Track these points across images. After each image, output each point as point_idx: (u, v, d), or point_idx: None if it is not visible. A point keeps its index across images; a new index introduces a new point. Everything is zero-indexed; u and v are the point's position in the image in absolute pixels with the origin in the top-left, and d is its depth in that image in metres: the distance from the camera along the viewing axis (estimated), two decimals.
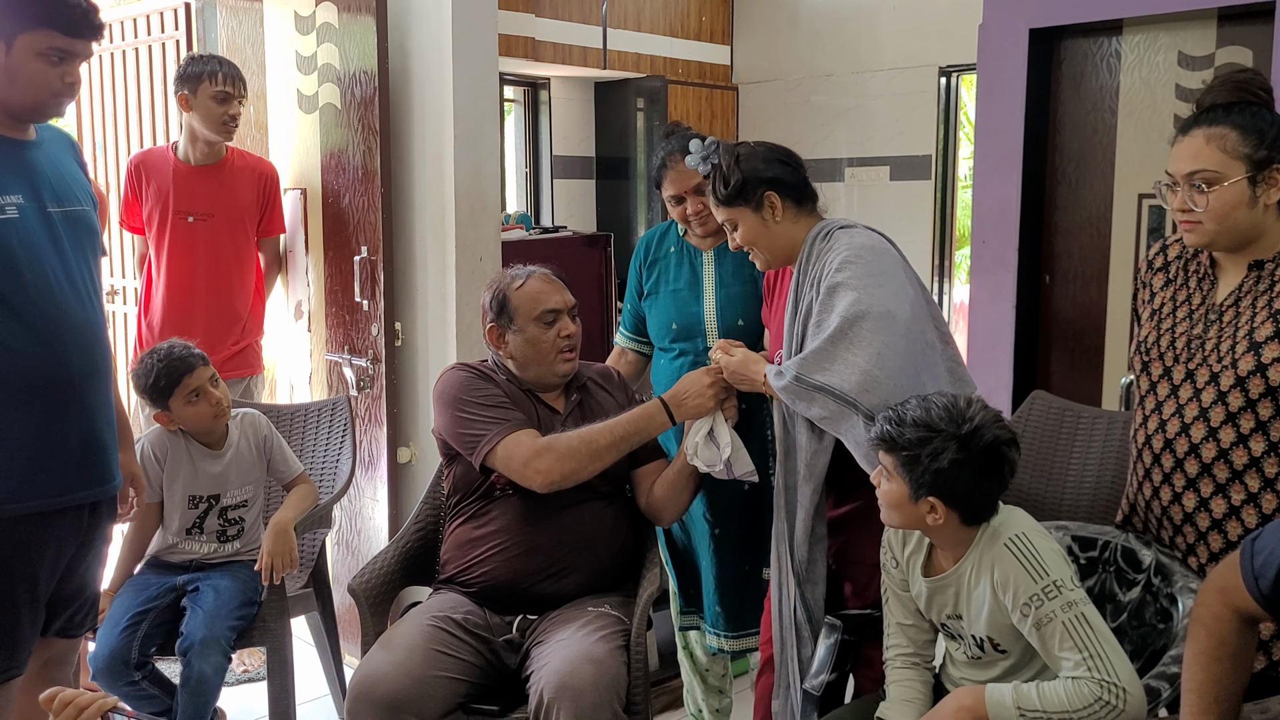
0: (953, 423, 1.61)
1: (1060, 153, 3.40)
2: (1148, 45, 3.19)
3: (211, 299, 3.12)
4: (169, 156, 3.15)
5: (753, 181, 2.00)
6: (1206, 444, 1.67)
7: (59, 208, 1.85)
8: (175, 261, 3.11)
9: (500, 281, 2.26)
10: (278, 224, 3.27)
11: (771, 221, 2.01)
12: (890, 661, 1.83)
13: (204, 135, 3.08)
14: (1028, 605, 1.57)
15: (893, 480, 1.67)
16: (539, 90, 5.09)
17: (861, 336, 1.82)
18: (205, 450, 2.49)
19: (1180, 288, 1.79)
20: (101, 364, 1.92)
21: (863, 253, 1.91)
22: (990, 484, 1.64)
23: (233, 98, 3.05)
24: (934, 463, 1.60)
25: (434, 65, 2.91)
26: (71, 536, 1.89)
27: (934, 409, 1.64)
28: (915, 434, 1.62)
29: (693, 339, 2.42)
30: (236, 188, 3.15)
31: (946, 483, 1.61)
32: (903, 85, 4.52)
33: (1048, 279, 3.46)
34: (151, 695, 2.32)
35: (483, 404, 2.17)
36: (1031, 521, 1.67)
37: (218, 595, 2.36)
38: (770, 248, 2.03)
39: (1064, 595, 1.55)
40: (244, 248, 3.19)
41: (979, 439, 1.61)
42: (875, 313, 1.83)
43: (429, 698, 1.95)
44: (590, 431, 2.11)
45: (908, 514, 1.67)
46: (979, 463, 1.61)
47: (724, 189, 2.02)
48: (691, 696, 2.61)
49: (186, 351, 2.43)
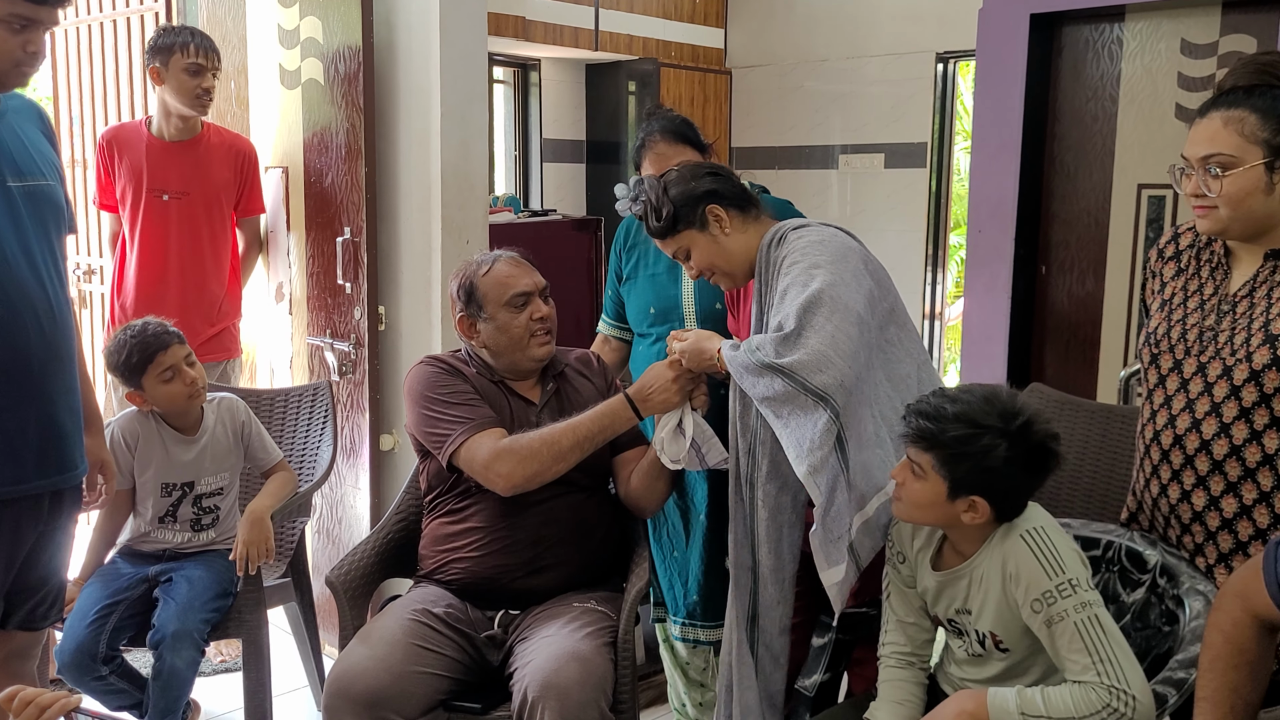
0: (1001, 418, 1.55)
1: (1059, 141, 3.35)
2: (1150, 32, 3.14)
3: (186, 280, 3.03)
4: (142, 132, 3.04)
5: (689, 202, 1.93)
6: (1218, 440, 1.62)
7: (20, 182, 1.76)
8: (149, 241, 3.01)
9: (466, 269, 2.18)
10: (257, 203, 3.18)
11: (722, 236, 1.94)
12: (885, 659, 1.77)
13: (177, 109, 2.98)
14: (1039, 601, 1.52)
15: (926, 479, 1.59)
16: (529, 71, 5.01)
17: (815, 321, 1.76)
18: (178, 436, 2.41)
19: (1192, 277, 1.74)
20: (63, 347, 1.83)
21: (809, 249, 1.85)
22: (1034, 481, 1.59)
23: (206, 70, 2.94)
24: (985, 460, 1.53)
25: (420, 40, 2.83)
26: (30, 526, 1.81)
27: (974, 404, 1.57)
28: (960, 430, 1.55)
29: (670, 323, 2.37)
30: (213, 165, 3.05)
31: (995, 480, 1.55)
32: (899, 71, 4.45)
33: (1044, 270, 3.42)
34: (120, 689, 2.25)
35: (448, 402, 2.09)
36: (1049, 518, 1.62)
37: (191, 586, 2.29)
38: (729, 263, 1.95)
39: (1078, 595, 1.50)
40: (220, 228, 3.09)
41: (1031, 435, 1.55)
42: (828, 296, 1.77)
43: (409, 694, 1.88)
44: (553, 432, 2.02)
45: (940, 512, 1.60)
46: (1027, 460, 1.55)
47: (658, 220, 1.95)
48: (675, 691, 2.57)
49: (161, 329, 2.35)
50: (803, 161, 4.81)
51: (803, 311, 1.76)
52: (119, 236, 3.10)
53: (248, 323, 3.29)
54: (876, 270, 1.92)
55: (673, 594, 2.46)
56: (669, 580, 2.46)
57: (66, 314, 1.86)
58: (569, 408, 2.15)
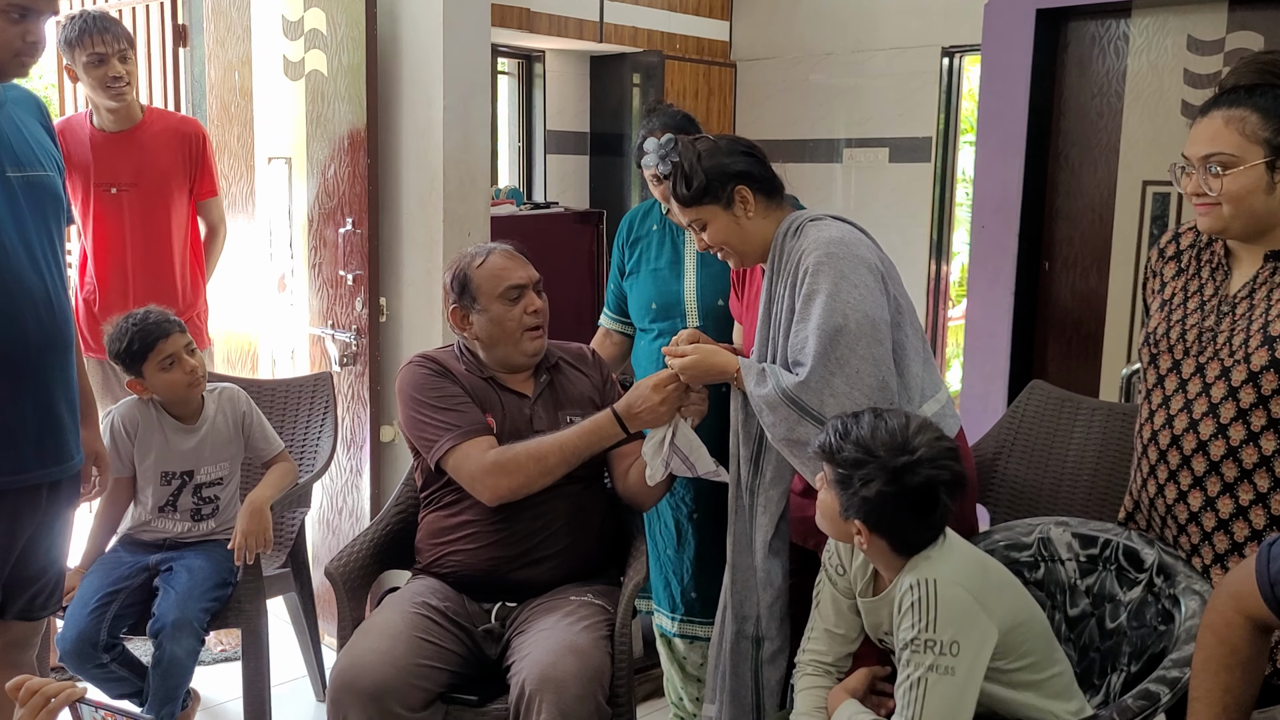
0: (891, 452, 1.52)
1: (1064, 137, 3.34)
2: (1157, 28, 3.12)
3: (144, 273, 2.94)
4: (86, 125, 2.93)
5: (720, 177, 1.90)
6: (1215, 441, 1.61)
7: (19, 173, 1.76)
8: (102, 236, 2.93)
9: (460, 261, 2.17)
10: (209, 185, 3.06)
11: (744, 218, 1.91)
12: (801, 667, 1.75)
13: (99, 102, 2.87)
14: (905, 646, 1.51)
15: (829, 492, 1.60)
16: (533, 63, 5.00)
17: (838, 354, 1.76)
18: (178, 424, 2.42)
19: (1192, 277, 1.73)
20: (61, 337, 1.83)
21: (834, 249, 1.83)
22: (920, 522, 1.55)
23: (109, 57, 2.77)
24: (863, 489, 1.53)
25: (424, 32, 2.82)
26: (28, 517, 1.82)
27: (880, 431, 1.55)
28: (853, 454, 1.55)
29: (672, 319, 2.37)
30: (159, 152, 2.94)
31: (872, 512, 1.54)
32: (904, 65, 4.44)
33: (1047, 266, 3.40)
34: (121, 677, 2.26)
35: (436, 406, 2.08)
36: (963, 566, 1.56)
37: (191, 576, 2.30)
38: (743, 246, 1.93)
39: (930, 656, 1.47)
40: (175, 216, 2.98)
41: (912, 476, 1.51)
42: (853, 321, 1.77)
43: (413, 687, 1.89)
44: (540, 446, 2.02)
45: (838, 529, 1.61)
46: (909, 499, 1.52)
47: (686, 189, 1.91)
48: (671, 685, 2.58)
49: (163, 317, 2.37)
50: (807, 155, 4.80)
51: (827, 341, 1.76)
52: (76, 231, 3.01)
53: (250, 313, 3.28)
54: (890, 270, 1.92)
55: (669, 591, 2.46)
56: (664, 577, 2.46)
57: (65, 305, 1.86)
58: (564, 400, 2.15)
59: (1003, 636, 1.52)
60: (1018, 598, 1.62)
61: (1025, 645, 1.57)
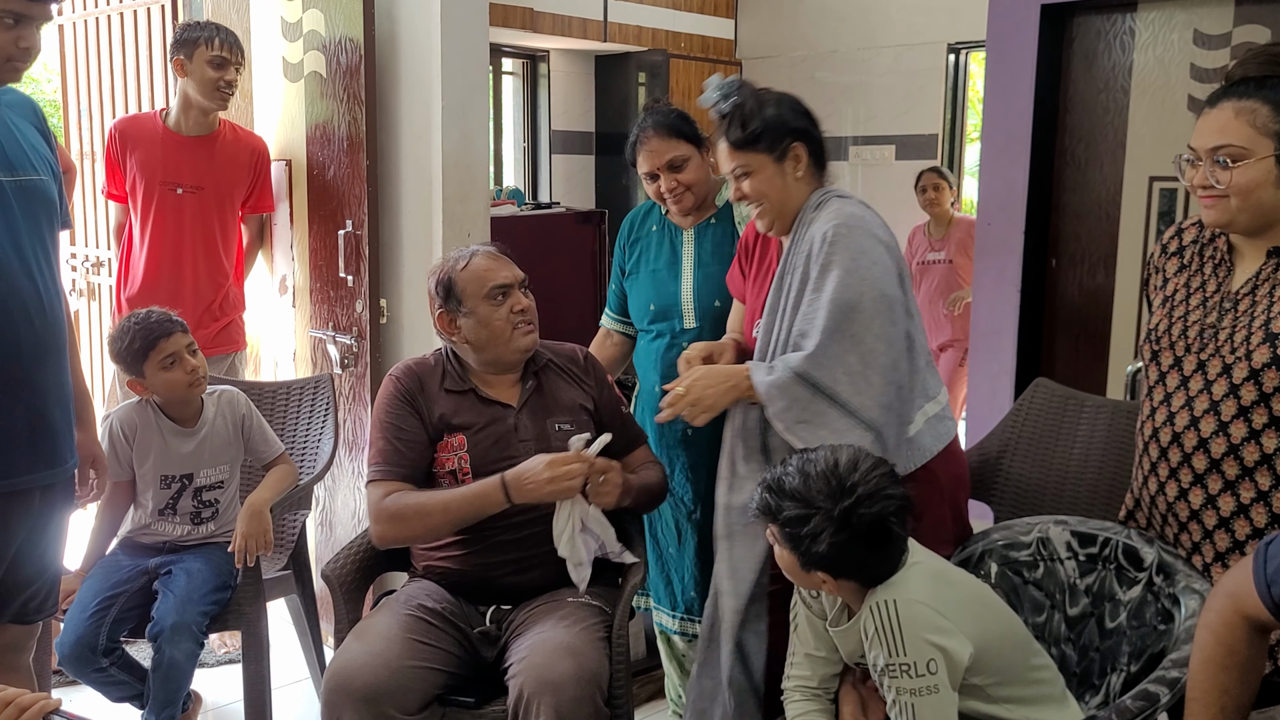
0: (830, 497, 1.49)
1: (1070, 133, 3.31)
2: (1163, 23, 3.09)
3: (196, 274, 3.04)
4: (157, 125, 3.05)
5: (779, 129, 1.85)
6: (1216, 438, 1.59)
7: (11, 177, 1.76)
8: (160, 234, 3.02)
9: (443, 265, 2.15)
10: (265, 202, 3.20)
11: (792, 176, 1.87)
12: (790, 694, 1.71)
13: (198, 103, 2.99)
14: (882, 674, 1.50)
15: (781, 548, 1.56)
16: (538, 63, 5.00)
17: (852, 331, 1.73)
18: (177, 428, 2.41)
19: (1195, 274, 1.70)
20: (54, 342, 1.83)
21: (855, 223, 1.81)
22: (879, 556, 1.52)
23: (229, 64, 2.97)
24: (814, 544, 1.49)
25: (422, 32, 2.81)
26: (20, 521, 1.82)
27: (812, 478, 1.51)
28: (794, 510, 1.51)
29: (669, 320, 2.35)
30: (228, 162, 3.07)
31: (830, 562, 1.50)
32: (910, 62, 4.42)
33: (1054, 262, 3.38)
34: (121, 681, 2.26)
35: (385, 434, 2.08)
36: (922, 583, 1.53)
37: (190, 579, 2.29)
38: (782, 204, 1.88)
39: (910, 679, 1.45)
40: (229, 223, 3.11)
41: (859, 518, 1.48)
42: (869, 299, 1.74)
43: (408, 689, 1.88)
44: (431, 501, 2.01)
45: (804, 579, 1.58)
46: (863, 540, 1.49)
47: (742, 131, 1.85)
48: (671, 683, 2.57)
49: (165, 317, 2.37)
50: None
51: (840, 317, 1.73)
52: (125, 228, 3.11)
53: (252, 315, 3.29)
54: (902, 263, 1.90)
55: (670, 590, 2.45)
56: (665, 575, 2.45)
57: (58, 308, 1.86)
58: (552, 407, 2.12)
59: (975, 651, 1.49)
60: (987, 610, 1.59)
61: (1001, 659, 1.54)
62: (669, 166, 2.28)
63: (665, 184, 2.30)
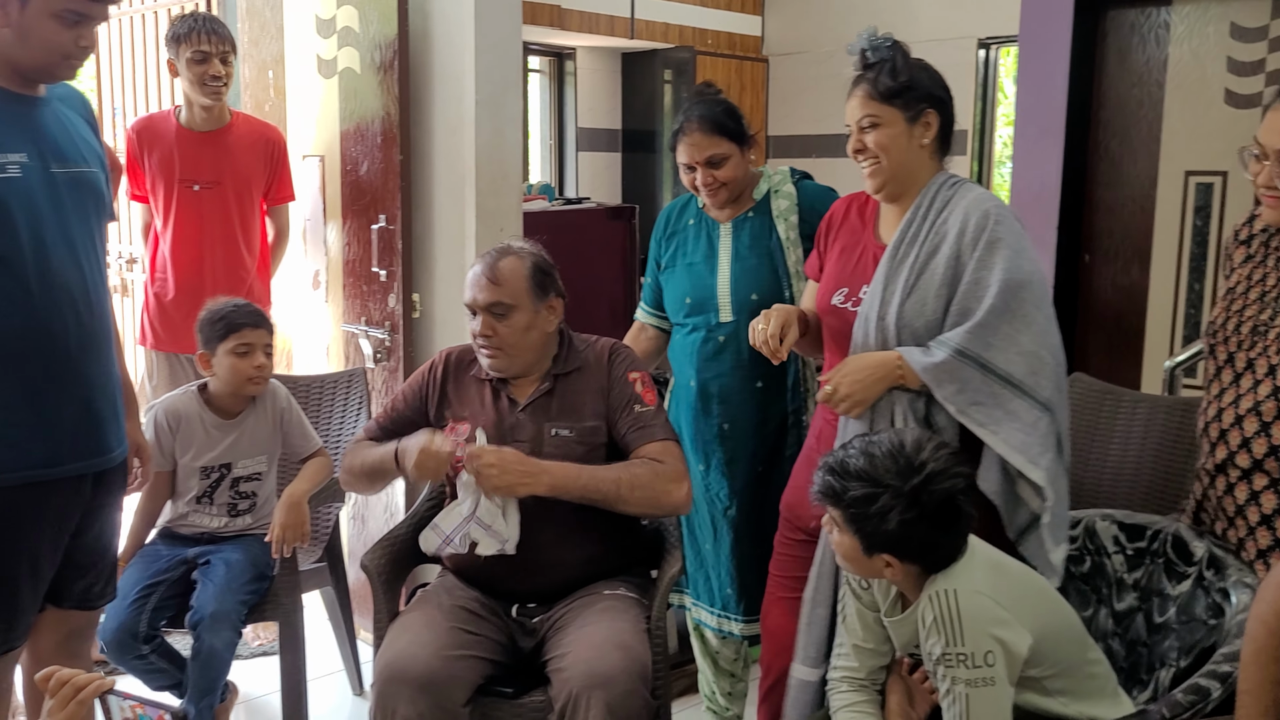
0: (900, 475, 1.47)
1: (1104, 128, 3.28)
2: (1198, 16, 3.06)
3: (220, 269, 3.01)
4: (171, 122, 3.02)
5: (921, 91, 1.83)
6: (1258, 438, 1.58)
7: (63, 169, 1.78)
8: (182, 231, 3.00)
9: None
10: (286, 191, 3.16)
11: (918, 141, 1.85)
12: (836, 684, 1.69)
13: (194, 99, 2.95)
14: (938, 662, 1.48)
15: (843, 533, 1.54)
16: (564, 60, 5.00)
17: (1024, 310, 1.71)
18: (218, 419, 2.44)
19: (1258, 265, 1.68)
20: (101, 333, 1.85)
21: (1005, 209, 1.80)
22: (948, 537, 1.51)
23: (210, 57, 2.86)
24: (882, 523, 1.47)
25: (455, 29, 2.83)
26: (73, 507, 1.84)
27: (878, 458, 1.49)
28: (860, 489, 1.49)
29: (705, 313, 2.33)
30: (243, 154, 3.03)
31: (899, 542, 1.49)
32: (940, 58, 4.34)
33: (1087, 258, 3.35)
34: (161, 669, 2.28)
35: (392, 400, 2.23)
36: (984, 574, 1.52)
37: (229, 569, 2.31)
38: (899, 166, 1.85)
39: (964, 670, 1.44)
40: (250, 216, 3.07)
41: (930, 494, 1.46)
42: (1036, 280, 1.73)
43: (459, 678, 1.89)
44: (366, 454, 2.14)
45: (863, 567, 1.56)
46: (933, 519, 1.47)
47: (892, 80, 1.82)
48: (704, 679, 2.56)
49: (260, 313, 2.48)
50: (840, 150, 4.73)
51: (1010, 295, 1.70)
52: (150, 228, 3.09)
53: (284, 310, 3.31)
54: None
55: (708, 585, 2.44)
56: (704, 571, 2.44)
57: (104, 300, 1.88)
58: (556, 412, 2.09)
59: (1033, 643, 1.48)
60: (1045, 602, 1.58)
61: (1058, 652, 1.52)
62: (708, 162, 2.26)
63: (702, 178, 2.28)
